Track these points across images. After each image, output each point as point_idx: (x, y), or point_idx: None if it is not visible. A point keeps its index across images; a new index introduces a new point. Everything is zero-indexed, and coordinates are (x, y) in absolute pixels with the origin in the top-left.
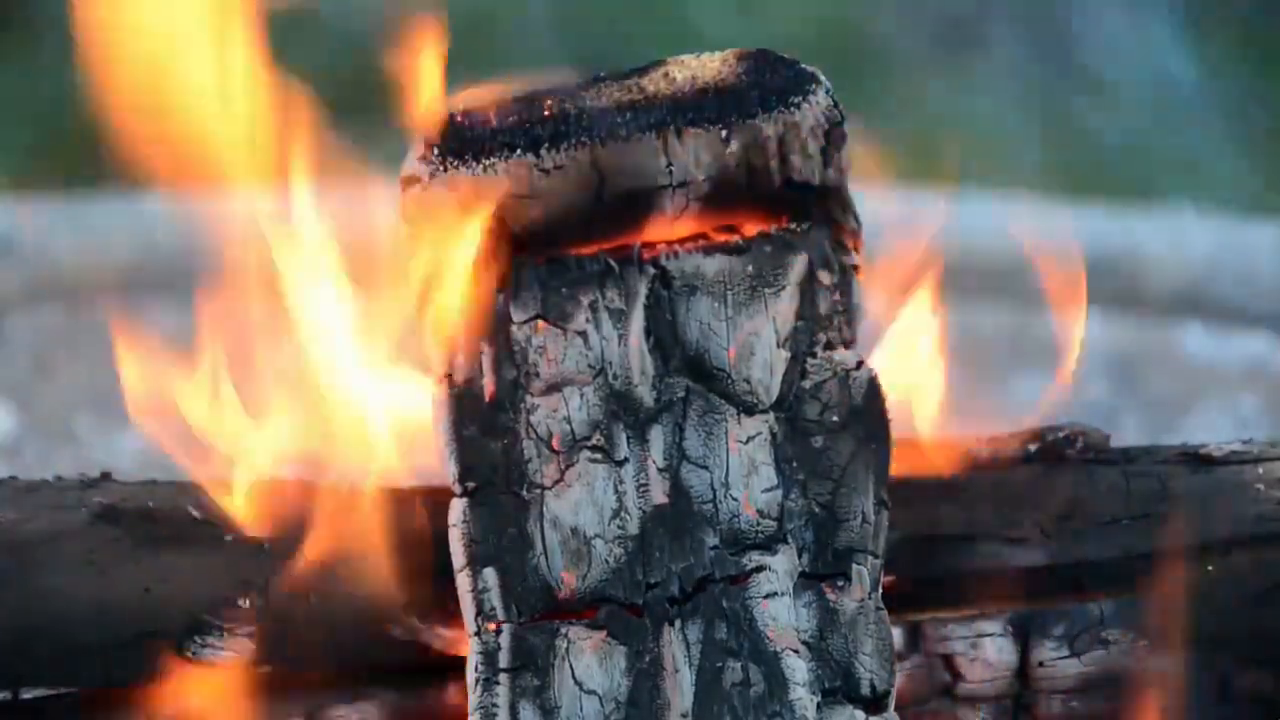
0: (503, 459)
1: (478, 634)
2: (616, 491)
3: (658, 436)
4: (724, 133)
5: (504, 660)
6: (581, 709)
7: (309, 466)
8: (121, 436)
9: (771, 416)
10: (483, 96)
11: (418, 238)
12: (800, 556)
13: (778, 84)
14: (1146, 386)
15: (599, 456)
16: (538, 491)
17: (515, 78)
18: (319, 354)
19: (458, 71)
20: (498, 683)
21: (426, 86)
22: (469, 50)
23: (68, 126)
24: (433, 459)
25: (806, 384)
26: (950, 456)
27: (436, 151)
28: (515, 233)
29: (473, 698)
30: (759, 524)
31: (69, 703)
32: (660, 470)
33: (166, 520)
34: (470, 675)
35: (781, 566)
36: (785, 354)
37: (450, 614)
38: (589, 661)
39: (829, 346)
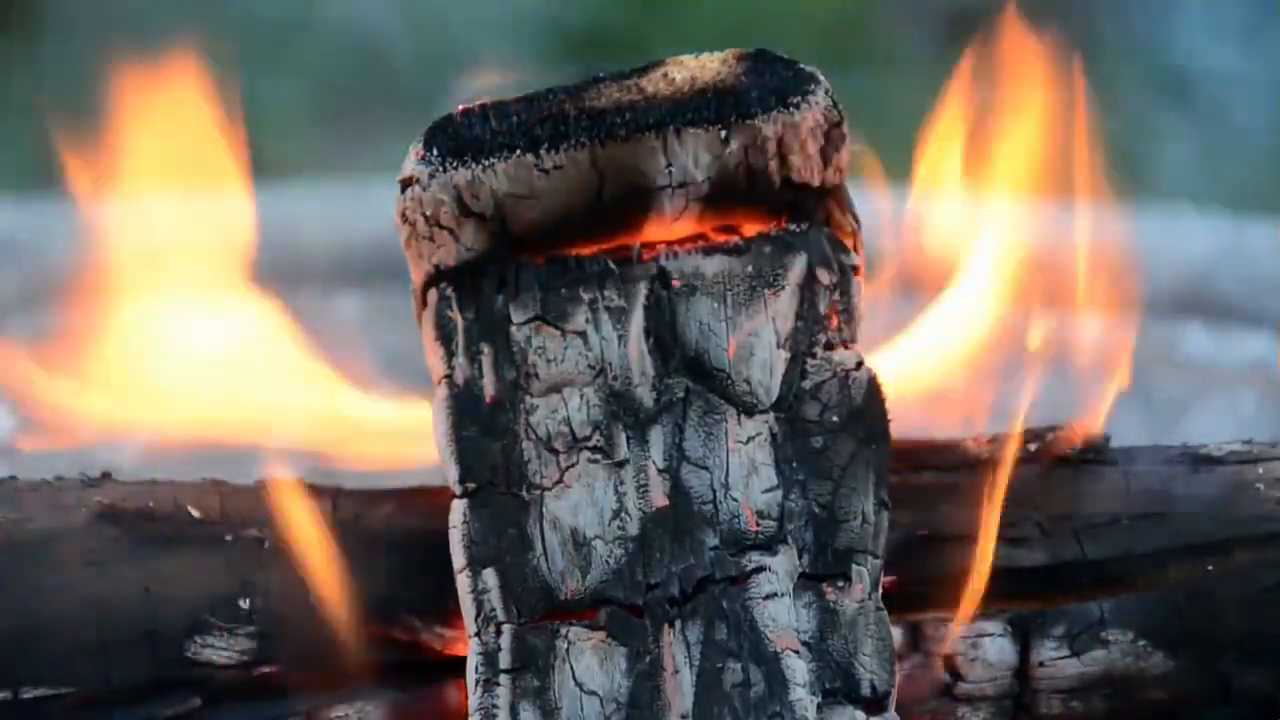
0: (502, 460)
1: (478, 635)
2: (616, 492)
3: (658, 437)
4: (723, 133)
5: (504, 661)
6: (582, 710)
7: (309, 467)
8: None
9: (771, 417)
10: (482, 97)
11: (417, 238)
12: (800, 557)
13: (777, 84)
14: (1146, 386)
15: (599, 457)
16: (538, 492)
17: (516, 79)
18: (317, 357)
19: (460, 72)
20: (498, 684)
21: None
22: (471, 51)
23: (68, 127)
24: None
25: (806, 384)
26: (950, 456)
27: (436, 152)
28: (515, 233)
29: (473, 698)
30: (759, 524)
31: (69, 703)
32: (660, 471)
33: (166, 520)
34: (470, 676)
35: (781, 567)
36: (785, 354)
37: (450, 614)
38: (589, 662)
39: (829, 346)
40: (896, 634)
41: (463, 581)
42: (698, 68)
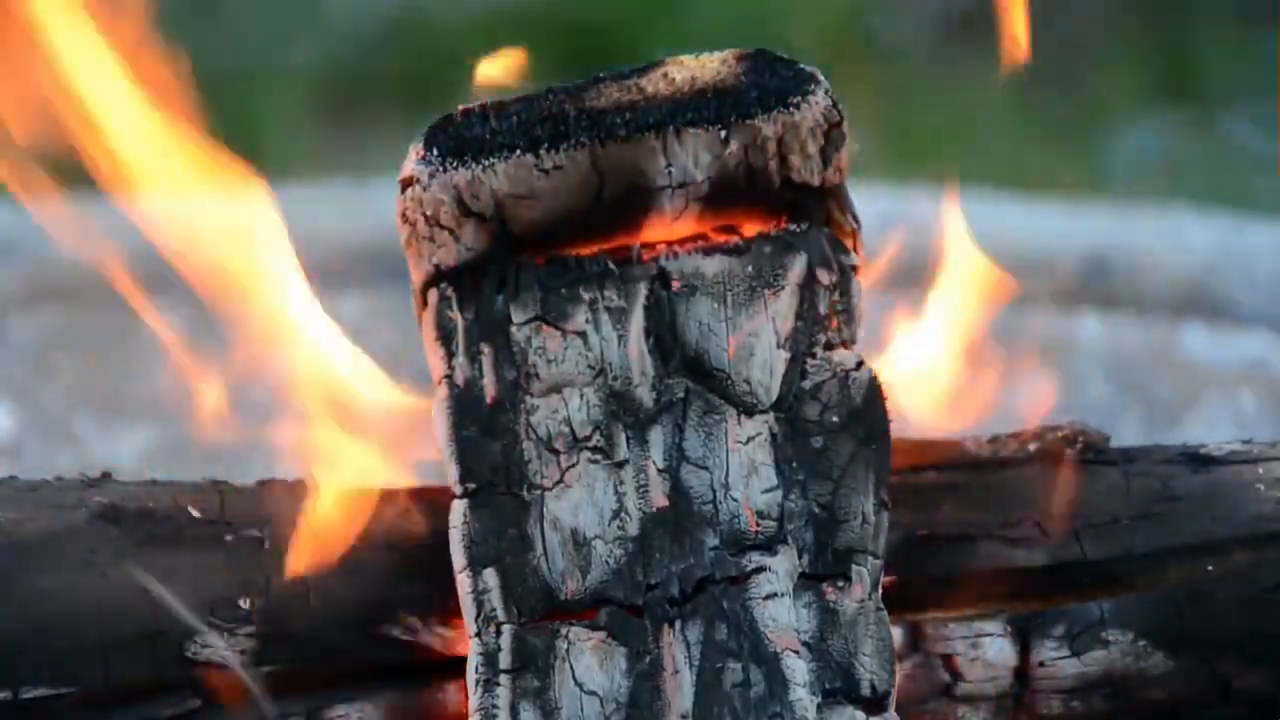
0: (503, 460)
1: (478, 635)
2: (616, 492)
3: (658, 437)
4: (723, 133)
5: (504, 661)
6: (582, 710)
7: (308, 467)
8: (121, 436)
9: (771, 417)
10: (482, 97)
11: (417, 238)
12: (800, 557)
13: (777, 84)
14: (1146, 386)
15: (599, 457)
16: (538, 493)
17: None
18: (316, 356)
19: (462, 73)
20: (498, 684)
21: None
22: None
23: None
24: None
25: (806, 384)
26: (950, 456)
27: (435, 152)
28: (515, 233)
29: (473, 699)
30: (759, 525)
31: (69, 703)
32: (660, 471)
33: (166, 520)
34: (471, 676)
35: (781, 567)
36: (785, 354)
37: (450, 614)
38: (589, 663)
39: (829, 346)
40: (896, 634)
41: (463, 581)
42: (698, 68)
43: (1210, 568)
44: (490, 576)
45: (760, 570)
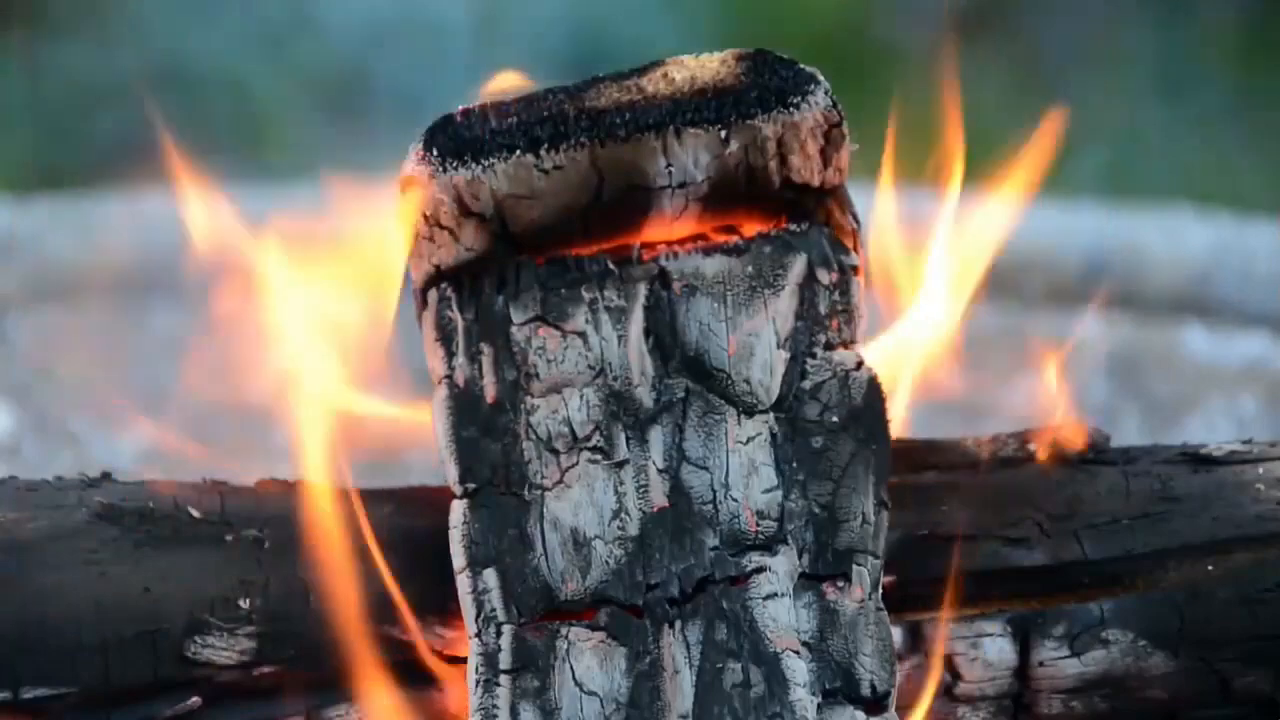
0: (502, 460)
1: (478, 635)
2: (616, 492)
3: (657, 437)
4: (723, 133)
5: (504, 661)
6: (582, 710)
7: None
8: (121, 436)
9: (771, 417)
10: (482, 97)
11: (416, 239)
12: (800, 557)
13: (777, 84)
14: (1146, 386)
15: (599, 457)
16: (538, 493)
17: (516, 80)
18: (317, 356)
19: (460, 73)
20: (498, 684)
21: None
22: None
23: (68, 126)
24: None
25: (806, 384)
26: (950, 456)
27: (435, 152)
28: (515, 233)
29: (473, 699)
30: (759, 525)
31: (69, 703)
32: (660, 471)
33: (166, 520)
34: (471, 676)
35: (781, 567)
36: (785, 354)
37: (450, 614)
38: (589, 663)
39: (829, 347)
40: (896, 634)
41: (463, 581)
42: (698, 68)
43: (1210, 568)
44: (490, 576)
45: (760, 570)
